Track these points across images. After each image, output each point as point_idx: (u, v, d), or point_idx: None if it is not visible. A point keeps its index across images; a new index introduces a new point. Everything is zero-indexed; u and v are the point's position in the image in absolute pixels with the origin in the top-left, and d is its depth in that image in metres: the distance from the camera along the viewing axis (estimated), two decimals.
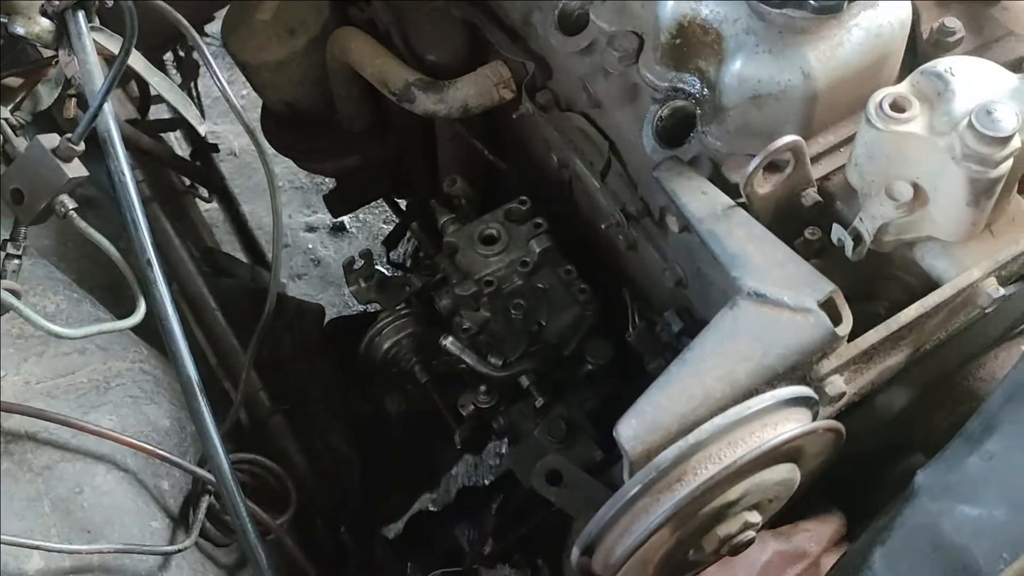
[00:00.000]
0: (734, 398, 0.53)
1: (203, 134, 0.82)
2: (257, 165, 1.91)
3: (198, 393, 0.65)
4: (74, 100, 0.76)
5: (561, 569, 0.82)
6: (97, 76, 0.65)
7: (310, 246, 1.77)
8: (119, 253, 0.67)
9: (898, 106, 0.57)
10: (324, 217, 1.78)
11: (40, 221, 0.66)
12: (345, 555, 0.88)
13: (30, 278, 0.77)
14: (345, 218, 1.76)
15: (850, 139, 0.65)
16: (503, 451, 1.42)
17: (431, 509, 1.19)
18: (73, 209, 0.65)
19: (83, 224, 0.65)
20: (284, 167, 1.85)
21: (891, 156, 0.58)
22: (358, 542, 0.92)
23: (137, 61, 0.70)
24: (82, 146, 0.64)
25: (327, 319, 1.08)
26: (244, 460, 0.79)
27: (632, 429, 0.54)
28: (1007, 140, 0.53)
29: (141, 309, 0.66)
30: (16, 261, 0.67)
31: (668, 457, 0.51)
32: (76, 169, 0.64)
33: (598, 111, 0.77)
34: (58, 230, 0.85)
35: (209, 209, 1.56)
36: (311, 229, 1.79)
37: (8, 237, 0.67)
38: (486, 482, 1.41)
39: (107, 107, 0.65)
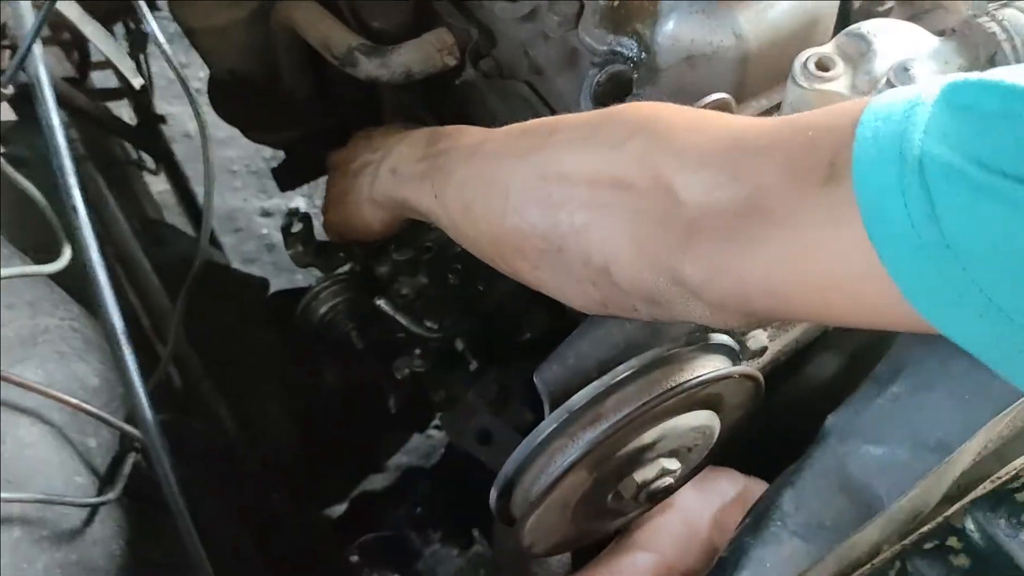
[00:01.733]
0: (657, 346, 0.53)
1: (137, 87, 0.81)
2: (212, 148, 1.90)
3: (123, 341, 0.64)
4: (8, 52, 0.75)
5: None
6: (28, 20, 0.65)
7: (264, 231, 1.75)
8: (45, 200, 0.66)
9: (822, 65, 0.59)
10: (279, 202, 1.77)
11: None
12: (277, 522, 0.88)
13: None
14: (301, 203, 1.75)
15: (778, 107, 0.67)
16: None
17: (374, 490, 1.18)
18: (1, 154, 0.64)
19: (9, 169, 0.65)
20: (240, 151, 1.85)
21: None
22: (292, 511, 0.91)
23: (71, 9, 0.70)
24: (11, 89, 0.64)
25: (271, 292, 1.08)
26: (173, 420, 0.78)
27: (552, 374, 0.55)
28: None
29: (66, 254, 0.65)
30: None
31: (583, 396, 0.51)
32: (4, 112, 0.64)
33: (539, 78, 0.77)
34: None
35: (162, 192, 1.54)
36: (266, 214, 1.77)
37: None
38: None
39: (37, 52, 0.64)
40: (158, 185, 1.47)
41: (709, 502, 0.65)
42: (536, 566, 0.70)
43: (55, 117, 0.64)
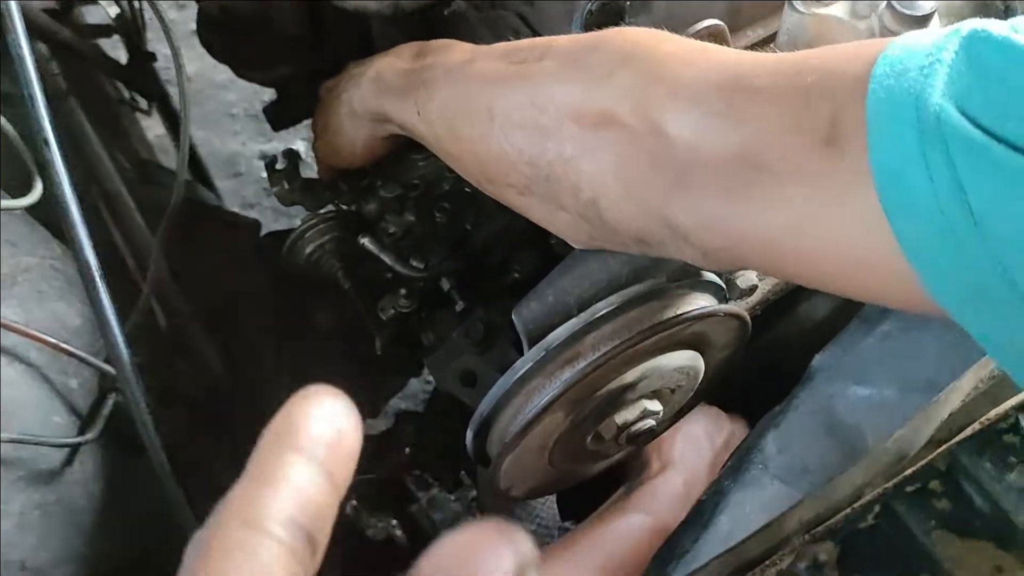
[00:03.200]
0: (638, 282, 0.51)
1: (110, 18, 0.78)
2: (210, 92, 1.88)
3: (96, 278, 0.63)
4: None
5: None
6: None
7: (264, 175, 1.73)
8: (16, 133, 0.64)
9: None
10: (279, 146, 1.75)
11: None
12: None
13: None
14: (301, 147, 1.73)
15: (773, 36, 0.64)
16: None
17: (370, 435, 1.17)
18: None
19: None
20: (239, 94, 1.82)
21: (812, 41, 0.56)
22: None
23: None
24: None
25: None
26: (158, 361, 0.77)
27: (531, 312, 0.53)
28: (926, 19, 0.51)
29: (37, 189, 0.63)
30: None
31: (560, 335, 0.49)
32: None
33: (530, 8, 0.74)
34: None
35: (160, 136, 1.52)
36: (265, 158, 1.75)
37: None
38: None
39: None
40: (156, 129, 1.45)
41: (702, 456, 0.64)
42: (520, 509, 0.68)
43: (24, 44, 0.62)
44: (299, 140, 1.74)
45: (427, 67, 0.60)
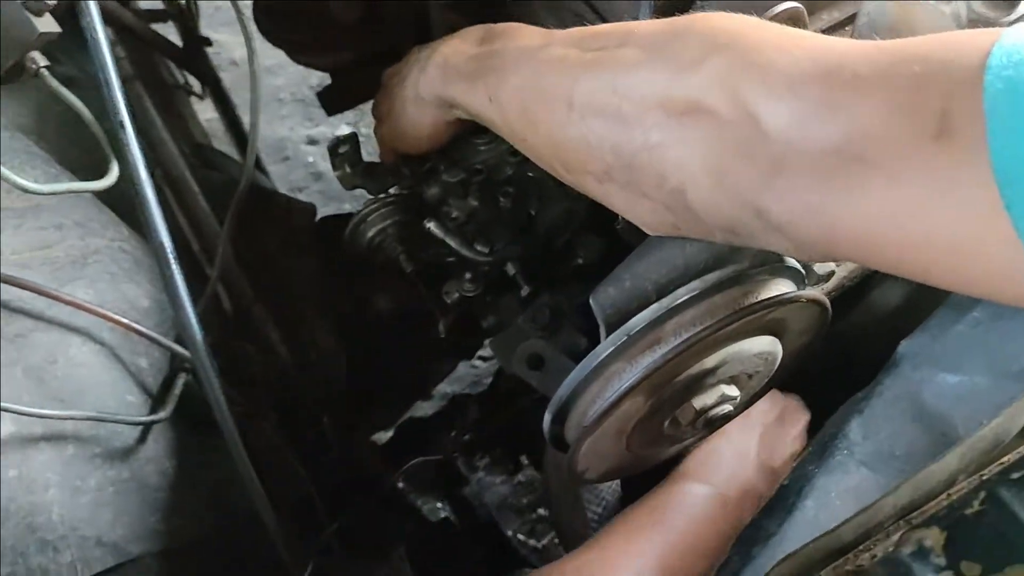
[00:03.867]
0: (717, 268, 0.51)
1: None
2: (258, 76, 1.88)
3: (171, 259, 0.64)
4: None
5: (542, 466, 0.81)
6: None
7: (311, 159, 1.74)
8: (93, 116, 0.65)
9: None
10: (326, 130, 1.76)
11: (11, 80, 0.64)
12: (327, 447, 0.88)
13: (7, 151, 0.76)
14: (345, 130, 1.74)
15: (852, 19, 0.63)
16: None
17: (423, 416, 1.18)
18: (44, 67, 0.63)
19: (55, 83, 0.63)
20: (286, 79, 1.83)
21: (894, 25, 0.55)
22: (341, 436, 0.92)
23: None
24: (54, 0, 0.62)
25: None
26: (224, 343, 0.77)
27: (609, 297, 0.53)
28: (1014, 3, 0.50)
29: (114, 171, 0.64)
30: None
31: (642, 320, 0.49)
32: (47, 24, 0.62)
33: None
34: (37, 108, 0.83)
35: (210, 120, 1.54)
36: (312, 142, 1.76)
37: None
38: None
39: None
40: (206, 114, 1.46)
41: (752, 425, 0.64)
42: (587, 492, 0.69)
43: (100, 29, 0.63)
44: (344, 125, 1.75)
45: (496, 52, 0.60)
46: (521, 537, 1.14)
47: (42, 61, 0.63)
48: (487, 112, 0.59)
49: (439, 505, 1.00)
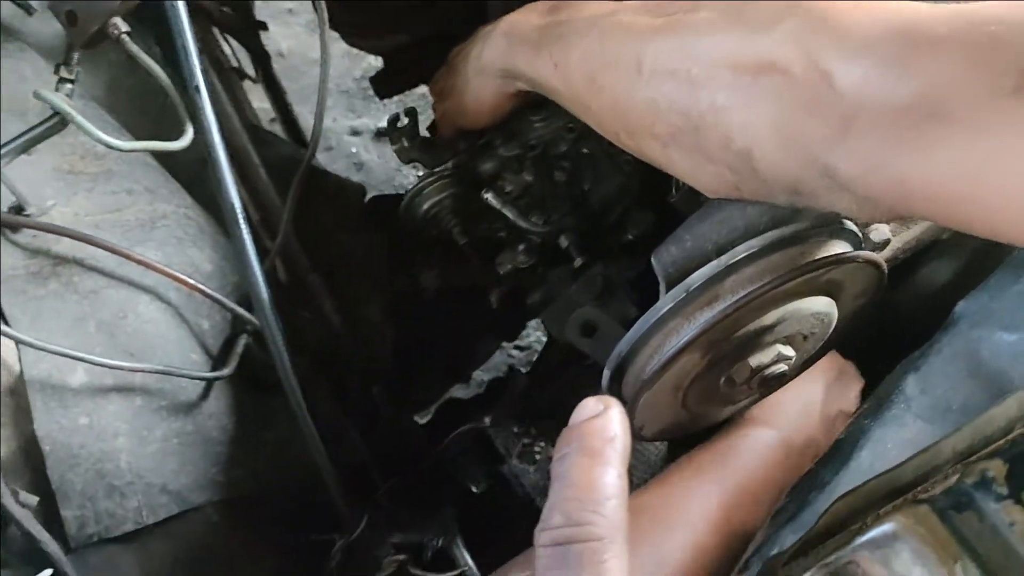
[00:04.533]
0: (776, 229, 0.53)
1: None
2: (304, 67, 1.92)
3: (240, 220, 0.66)
4: None
5: None
6: None
7: (353, 150, 1.77)
8: (169, 80, 0.68)
9: None
10: (369, 122, 1.78)
11: (93, 44, 0.67)
12: (376, 414, 0.90)
13: (84, 117, 0.78)
14: (403, 122, 1.77)
15: None
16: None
17: (462, 398, 1.20)
18: (126, 32, 0.66)
19: (134, 47, 0.66)
20: (331, 71, 1.86)
21: None
22: (389, 408, 0.94)
23: None
24: None
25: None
26: (281, 308, 0.80)
27: (670, 256, 0.54)
28: None
29: (189, 133, 0.67)
30: (69, 85, 0.68)
31: (701, 276, 0.50)
32: None
33: None
34: (109, 80, 0.86)
35: (258, 108, 1.57)
36: (355, 133, 1.79)
37: (62, 61, 0.68)
38: None
39: None
40: (254, 102, 1.49)
41: (816, 379, 0.65)
42: (634, 458, 0.70)
43: None
44: (387, 117, 1.77)
45: (563, 21, 0.61)
46: None
47: (123, 26, 0.65)
48: (552, 80, 0.60)
49: (477, 482, 1.01)
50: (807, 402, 0.64)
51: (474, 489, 0.97)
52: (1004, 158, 0.37)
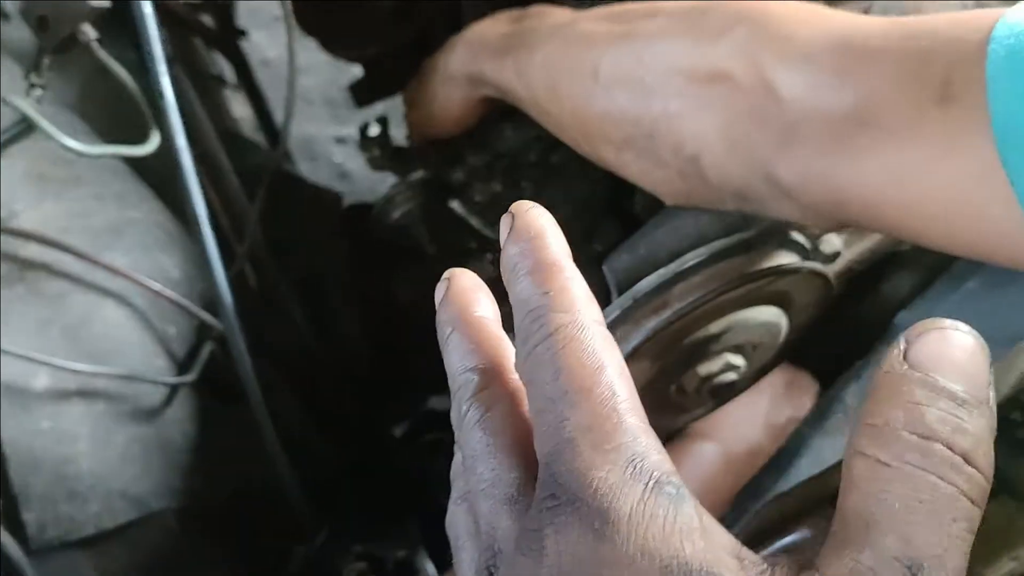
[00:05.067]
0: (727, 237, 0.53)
1: None
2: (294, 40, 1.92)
3: (205, 223, 0.66)
4: None
5: None
6: None
7: (338, 159, 1.78)
8: (136, 85, 0.68)
9: None
10: (353, 131, 1.79)
11: (63, 50, 0.68)
12: (347, 421, 0.90)
13: (53, 122, 0.79)
14: (376, 130, 1.77)
15: (869, 9, 0.65)
16: None
17: (438, 409, 1.20)
18: (95, 39, 0.66)
19: (102, 53, 0.67)
20: (316, 79, 1.87)
21: (906, 13, 0.57)
22: (361, 417, 0.94)
23: None
24: None
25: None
26: (249, 315, 0.80)
27: (622, 263, 0.55)
28: None
29: (155, 138, 0.67)
30: (39, 91, 0.69)
31: (650, 283, 0.51)
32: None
33: None
34: (81, 85, 0.86)
35: (242, 118, 1.57)
36: (340, 142, 1.79)
37: (32, 67, 0.69)
38: None
39: None
40: (239, 110, 1.50)
41: (761, 389, 0.65)
42: None
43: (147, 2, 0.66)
44: (374, 125, 1.77)
45: (528, 29, 0.63)
46: None
47: (92, 34, 0.66)
48: (514, 86, 0.61)
49: (447, 492, 1.02)
50: (751, 412, 0.65)
51: (441, 499, 0.97)
52: (928, 166, 0.38)
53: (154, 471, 0.70)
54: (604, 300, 0.56)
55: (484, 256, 0.79)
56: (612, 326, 0.52)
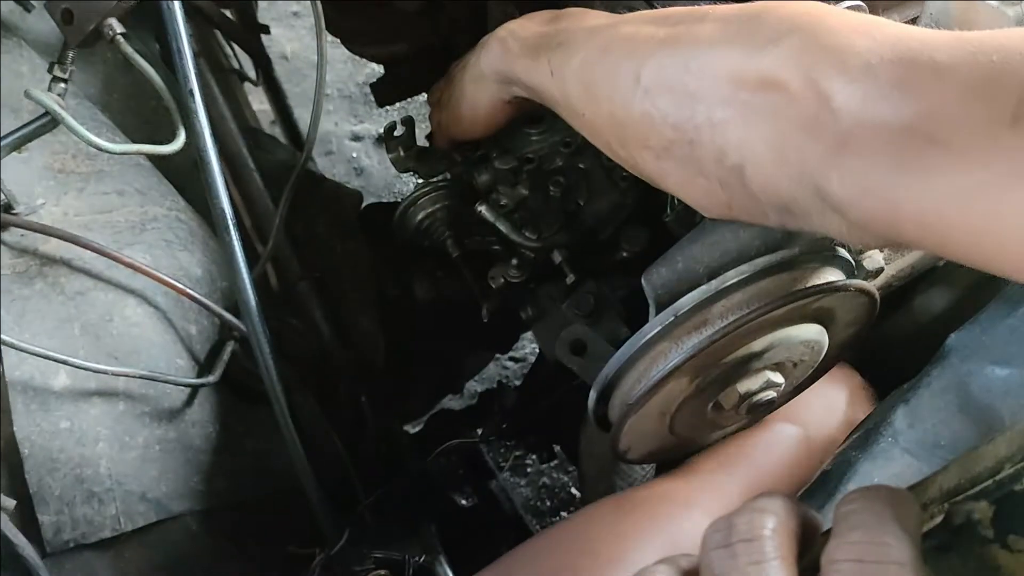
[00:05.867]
0: (769, 254, 0.52)
1: None
2: (307, 71, 1.92)
3: (231, 226, 0.65)
4: None
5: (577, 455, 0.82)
6: None
7: (354, 155, 1.77)
8: (163, 83, 0.67)
9: None
10: (370, 127, 1.78)
11: (88, 44, 0.66)
12: (363, 424, 0.89)
13: (75, 116, 0.78)
14: (399, 132, 1.76)
15: (915, 20, 0.64)
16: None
17: (453, 408, 1.19)
18: (121, 34, 0.65)
19: (128, 49, 0.66)
20: (334, 75, 1.86)
21: (959, 25, 0.56)
22: (378, 418, 0.93)
23: None
24: None
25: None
26: (270, 317, 0.79)
27: (660, 278, 0.54)
28: None
29: (181, 137, 0.66)
30: (62, 85, 0.68)
31: (691, 300, 0.50)
32: None
33: None
34: (104, 79, 0.85)
35: (258, 111, 1.57)
36: (356, 138, 1.78)
37: (56, 60, 0.68)
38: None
39: None
40: (255, 104, 1.49)
41: (839, 384, 0.64)
42: (619, 478, 0.69)
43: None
44: (399, 126, 1.77)
45: (565, 30, 0.61)
46: None
47: (119, 28, 0.65)
48: (548, 86, 0.60)
49: (465, 496, 1.01)
50: (832, 403, 0.63)
51: (463, 502, 0.96)
52: (997, 188, 0.37)
53: (174, 473, 0.69)
54: (645, 311, 0.54)
55: (509, 261, 0.77)
56: (652, 343, 0.51)
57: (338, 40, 1.06)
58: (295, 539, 0.73)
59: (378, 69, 1.16)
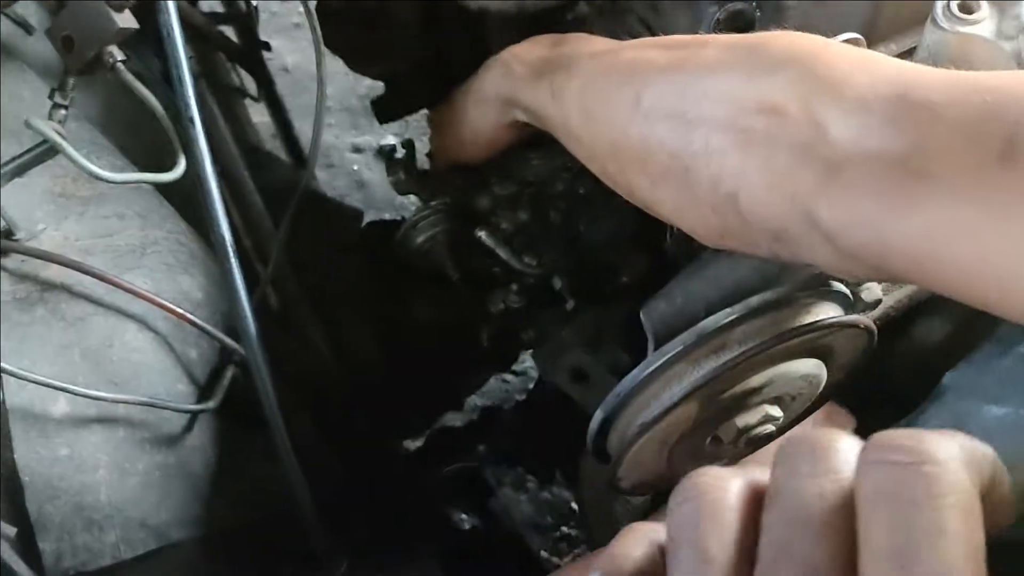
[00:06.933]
0: (767, 289, 0.52)
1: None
2: (308, 83, 1.91)
3: (231, 253, 0.65)
4: None
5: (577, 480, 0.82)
6: None
7: (355, 167, 1.77)
8: (163, 110, 0.67)
9: (966, 8, 0.56)
10: (371, 139, 1.78)
11: (88, 71, 0.66)
12: (362, 447, 0.89)
13: (76, 139, 0.78)
14: (393, 140, 1.76)
15: (913, 51, 0.64)
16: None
17: (453, 426, 1.19)
18: (121, 61, 0.65)
19: (129, 76, 0.66)
20: (335, 88, 1.86)
21: (954, 59, 0.56)
22: (376, 438, 0.93)
23: None
24: None
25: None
26: (270, 338, 0.79)
27: (659, 312, 0.54)
28: None
29: (181, 164, 0.66)
30: (63, 111, 0.68)
31: (715, 321, 0.49)
32: (126, 20, 0.65)
33: (654, 14, 0.75)
34: (105, 100, 0.85)
35: (259, 123, 1.57)
36: (357, 150, 1.78)
37: (56, 87, 0.68)
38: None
39: None
40: (256, 116, 1.49)
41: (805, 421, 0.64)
42: (619, 505, 0.69)
43: (176, 27, 0.65)
44: (390, 135, 1.77)
45: (567, 54, 0.61)
46: (544, 555, 1.15)
47: (119, 55, 0.65)
48: (548, 111, 0.60)
49: (466, 517, 1.01)
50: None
51: (464, 522, 0.96)
52: (986, 225, 0.37)
53: (174, 500, 0.69)
54: (645, 338, 0.55)
55: (509, 286, 0.78)
56: (653, 376, 0.51)
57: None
58: (295, 564, 0.73)
59: (381, 85, 1.16)
